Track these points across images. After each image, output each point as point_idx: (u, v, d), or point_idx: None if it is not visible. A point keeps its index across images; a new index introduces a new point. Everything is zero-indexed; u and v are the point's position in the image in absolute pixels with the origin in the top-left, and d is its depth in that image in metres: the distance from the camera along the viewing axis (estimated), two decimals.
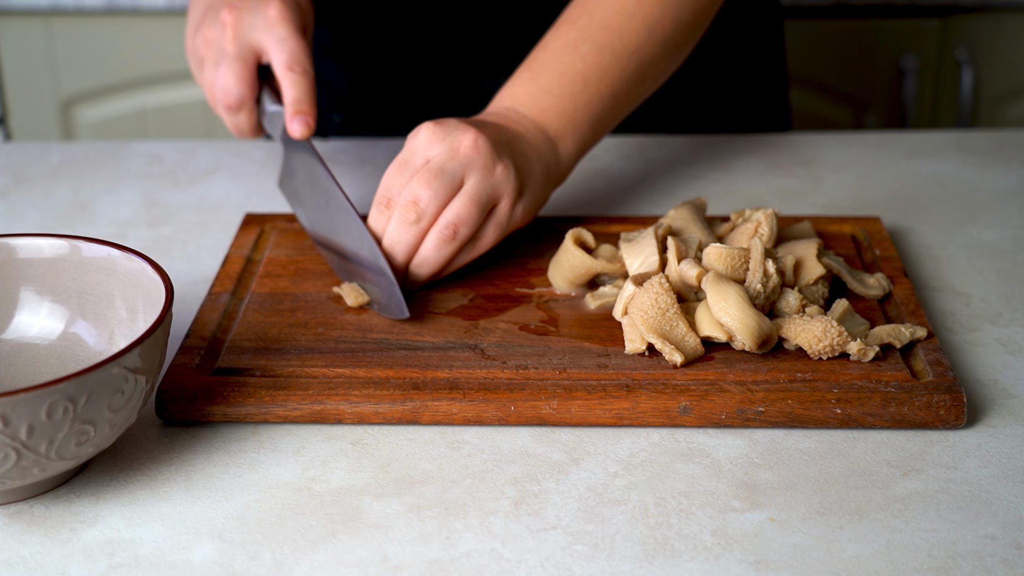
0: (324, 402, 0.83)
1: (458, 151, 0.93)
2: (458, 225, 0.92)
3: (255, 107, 1.04)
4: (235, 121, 1.05)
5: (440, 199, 0.92)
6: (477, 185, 0.93)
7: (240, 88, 1.03)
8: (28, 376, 0.84)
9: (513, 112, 1.00)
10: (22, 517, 0.76)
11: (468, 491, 0.77)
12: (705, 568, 0.71)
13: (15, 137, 2.02)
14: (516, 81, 1.02)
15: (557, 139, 1.00)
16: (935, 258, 1.04)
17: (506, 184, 0.94)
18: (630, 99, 1.04)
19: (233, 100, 1.03)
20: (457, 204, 0.92)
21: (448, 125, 0.94)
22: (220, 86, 1.03)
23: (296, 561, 0.72)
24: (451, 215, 0.92)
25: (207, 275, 1.02)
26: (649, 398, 0.82)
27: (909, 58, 1.94)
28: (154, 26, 1.95)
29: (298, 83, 1.01)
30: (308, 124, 1.01)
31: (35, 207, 1.15)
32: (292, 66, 1.02)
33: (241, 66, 1.02)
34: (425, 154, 0.94)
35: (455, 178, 0.92)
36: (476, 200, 0.93)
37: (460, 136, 0.93)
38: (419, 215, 0.92)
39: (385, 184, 0.94)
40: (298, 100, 1.01)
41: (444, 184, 0.92)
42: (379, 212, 0.94)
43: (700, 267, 0.89)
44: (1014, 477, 0.78)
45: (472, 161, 0.93)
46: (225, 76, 1.02)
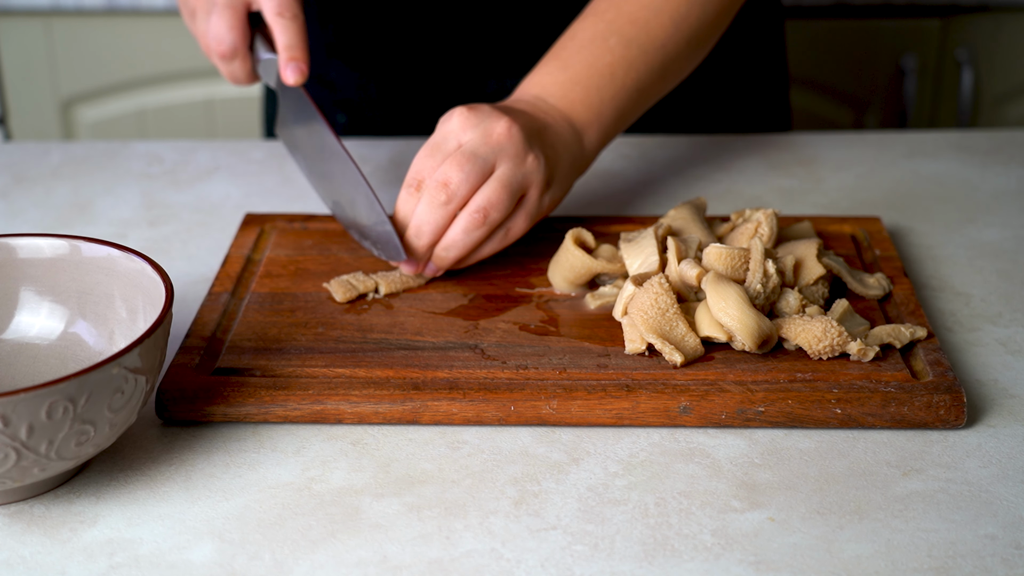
0: (324, 402, 0.83)
1: (491, 137, 0.93)
2: (489, 209, 0.93)
3: (248, 54, 1.05)
4: (229, 69, 1.06)
5: (471, 182, 0.92)
6: (509, 172, 0.93)
7: (232, 36, 1.03)
8: (28, 376, 0.84)
9: (541, 101, 1.00)
10: (22, 517, 0.76)
11: (468, 491, 0.77)
12: (705, 568, 0.71)
13: (15, 137, 2.02)
14: (544, 70, 1.02)
15: (583, 130, 1.00)
16: (935, 258, 1.04)
17: (536, 173, 0.95)
18: (653, 93, 1.05)
19: (226, 48, 1.03)
20: (488, 189, 0.93)
21: (482, 111, 0.95)
22: (212, 35, 1.03)
23: (296, 561, 0.72)
24: (482, 199, 0.93)
25: (207, 275, 1.02)
26: (649, 398, 0.82)
27: (909, 58, 1.94)
28: (154, 26, 1.95)
29: (288, 28, 1.01)
30: (301, 71, 1.01)
31: (35, 207, 1.15)
32: (282, 11, 1.01)
33: (231, 14, 1.03)
34: (458, 138, 0.94)
35: (487, 163, 0.93)
36: (507, 186, 0.93)
37: (494, 123, 0.94)
38: (449, 197, 0.92)
39: (416, 167, 0.94)
40: (290, 46, 1.01)
41: (476, 168, 0.92)
42: (408, 194, 0.94)
43: (700, 267, 0.89)
44: (1014, 477, 0.78)
45: (504, 148, 0.93)
46: (216, 25, 1.03)
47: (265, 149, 1.26)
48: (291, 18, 1.01)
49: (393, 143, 1.26)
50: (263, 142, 1.28)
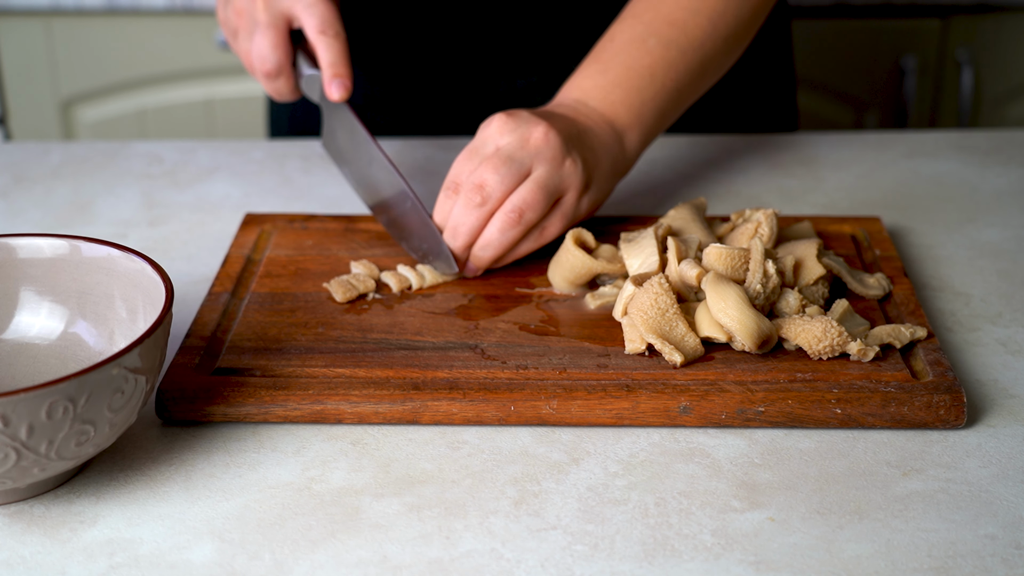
0: (324, 402, 0.83)
1: (528, 141, 0.94)
2: (524, 209, 0.94)
3: (292, 72, 1.07)
4: (274, 86, 1.07)
5: (507, 185, 0.93)
6: (545, 174, 0.94)
7: (276, 55, 1.05)
8: (28, 376, 0.84)
9: (582, 105, 1.01)
10: (22, 517, 0.76)
11: (468, 491, 0.77)
12: (705, 568, 0.71)
13: (15, 137, 2.02)
14: (585, 73, 1.03)
15: (624, 132, 1.01)
16: (935, 258, 1.04)
17: (573, 177, 0.95)
18: (692, 93, 1.06)
19: (271, 67, 1.05)
20: (524, 189, 0.94)
21: (520, 116, 0.96)
22: (256, 54, 1.05)
23: (296, 561, 0.72)
24: (517, 199, 0.94)
25: (207, 275, 1.02)
26: (649, 398, 0.82)
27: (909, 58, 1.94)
28: (154, 26, 1.95)
29: (331, 46, 1.03)
30: (346, 86, 1.03)
31: (35, 207, 1.15)
32: (324, 29, 1.03)
33: (274, 33, 1.04)
34: (496, 142, 0.95)
35: (523, 166, 0.94)
36: (543, 187, 0.94)
37: (531, 127, 0.95)
38: (484, 198, 0.93)
39: (454, 171, 0.96)
40: (333, 63, 1.03)
41: (512, 171, 0.93)
42: (446, 197, 0.96)
43: (700, 267, 0.89)
44: (1014, 477, 0.78)
45: (541, 152, 0.94)
46: (260, 44, 1.04)
47: (265, 149, 1.26)
48: (333, 36, 1.03)
49: (392, 143, 1.26)
50: (263, 142, 1.28)
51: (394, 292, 0.95)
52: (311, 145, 1.26)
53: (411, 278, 0.96)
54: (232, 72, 1.98)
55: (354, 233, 1.04)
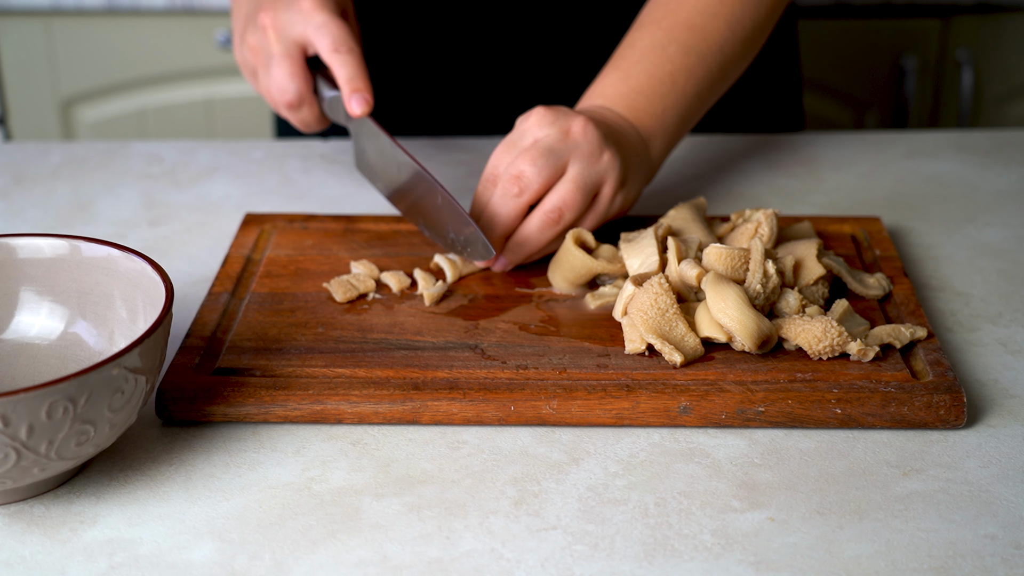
0: (324, 402, 0.83)
1: (568, 134, 0.95)
2: (564, 210, 0.94)
3: (314, 99, 1.06)
4: (299, 117, 1.06)
5: (544, 176, 0.94)
6: (583, 170, 0.94)
7: (295, 84, 1.04)
8: (28, 376, 0.84)
9: (607, 111, 1.01)
10: (22, 517, 0.76)
11: (468, 491, 0.77)
12: (705, 568, 0.71)
13: (15, 137, 2.02)
14: (606, 81, 1.03)
15: (649, 138, 1.02)
16: (935, 258, 1.04)
17: (611, 172, 0.96)
18: (712, 97, 1.06)
19: (292, 97, 1.04)
20: (562, 188, 0.94)
21: (559, 110, 0.96)
22: (275, 87, 1.04)
23: (296, 561, 0.72)
24: (556, 199, 0.94)
25: (207, 275, 1.02)
26: (649, 398, 0.82)
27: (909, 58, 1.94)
28: (154, 26, 1.95)
29: (347, 63, 1.02)
30: (366, 100, 1.02)
31: (35, 207, 1.15)
32: (338, 47, 1.02)
33: (290, 63, 1.04)
34: (534, 135, 0.95)
35: (561, 159, 0.94)
36: (582, 186, 0.94)
37: (570, 120, 0.95)
38: (521, 189, 0.93)
39: (492, 162, 0.96)
40: (351, 79, 1.02)
41: (549, 163, 0.94)
42: (484, 188, 0.96)
43: (700, 267, 0.89)
44: (1014, 477, 0.78)
45: (579, 145, 0.95)
46: (278, 76, 1.04)
47: (265, 149, 1.26)
48: (347, 52, 1.02)
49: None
50: (263, 142, 1.28)
51: (394, 292, 0.95)
52: (311, 145, 1.26)
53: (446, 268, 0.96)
54: (232, 72, 1.98)
55: (354, 233, 1.04)
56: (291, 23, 1.03)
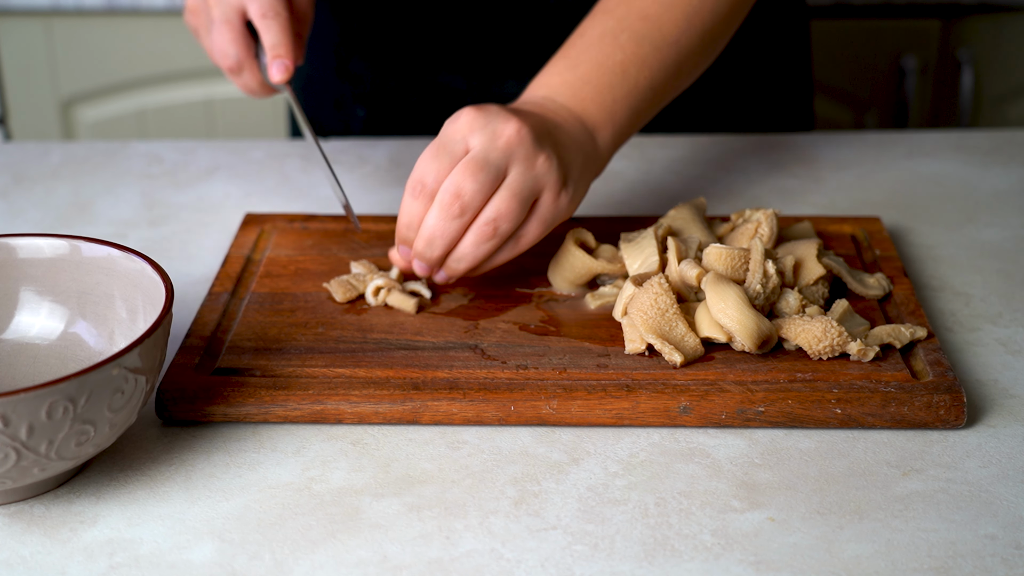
0: (324, 402, 0.83)
1: (499, 139, 0.89)
2: (499, 221, 0.89)
3: (255, 64, 1.05)
4: (241, 82, 1.06)
5: (485, 192, 0.89)
6: (519, 178, 0.89)
7: (234, 49, 1.03)
8: (28, 376, 0.84)
9: (550, 101, 0.96)
10: (22, 517, 0.76)
11: (468, 491, 0.77)
12: (705, 568, 0.71)
13: (15, 137, 2.02)
14: (552, 70, 0.98)
15: (595, 130, 0.96)
16: (935, 258, 1.04)
17: (549, 175, 0.91)
18: (667, 91, 1.01)
19: (232, 62, 1.04)
20: (498, 199, 0.89)
21: (489, 112, 0.90)
22: (217, 52, 1.04)
23: (296, 561, 0.72)
24: (491, 211, 0.89)
25: (207, 275, 1.02)
26: (649, 398, 0.82)
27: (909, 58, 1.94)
28: (154, 26, 1.95)
29: (271, 28, 1.01)
30: (286, 67, 1.01)
31: (35, 207, 1.15)
32: (264, 12, 1.02)
33: (228, 28, 1.03)
34: (465, 141, 0.90)
35: (499, 170, 0.89)
36: (518, 194, 0.89)
37: (503, 125, 0.89)
38: (462, 209, 0.88)
39: (421, 168, 0.90)
40: (274, 44, 1.02)
41: (489, 176, 0.88)
42: (413, 197, 0.90)
43: (700, 267, 0.89)
44: (1014, 477, 0.78)
45: (515, 152, 0.89)
46: (218, 41, 1.03)
47: (265, 149, 1.26)
48: (274, 17, 1.01)
49: (393, 143, 1.26)
50: (263, 142, 1.28)
51: None
52: (311, 145, 1.26)
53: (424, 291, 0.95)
54: None
55: (354, 233, 1.04)
56: None
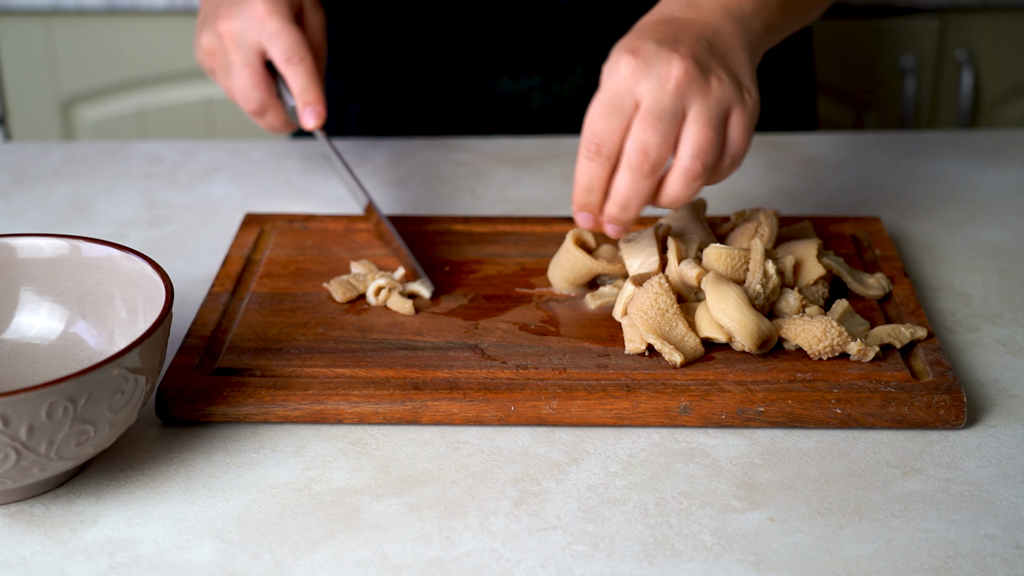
0: (324, 402, 0.83)
1: (668, 84, 0.85)
2: (703, 155, 0.86)
3: (278, 104, 1.06)
4: (265, 122, 1.07)
5: (671, 141, 0.86)
6: (703, 110, 0.86)
7: (257, 93, 1.04)
8: (28, 376, 0.84)
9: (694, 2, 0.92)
10: (22, 517, 0.76)
11: (468, 491, 0.77)
12: (705, 568, 0.71)
13: (15, 137, 2.02)
14: None
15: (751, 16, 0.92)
16: (935, 258, 1.04)
17: (727, 92, 0.87)
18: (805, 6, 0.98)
19: (255, 106, 1.05)
20: (692, 135, 0.86)
21: (646, 53, 0.86)
22: (239, 96, 1.04)
23: (296, 561, 0.72)
24: (691, 148, 0.86)
25: (207, 275, 1.02)
26: (649, 398, 0.82)
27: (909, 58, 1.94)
28: (154, 26, 1.95)
29: (298, 73, 1.02)
30: (318, 113, 1.02)
31: (35, 207, 1.15)
32: (289, 57, 1.02)
33: (249, 72, 1.03)
34: (632, 93, 0.86)
35: (677, 115, 0.86)
36: (708, 122, 0.86)
37: (666, 67, 0.85)
38: (652, 166, 0.86)
39: (593, 129, 0.86)
40: (303, 91, 1.02)
41: (670, 125, 0.85)
42: (589, 159, 0.87)
43: (700, 267, 0.89)
44: (1014, 477, 0.78)
45: (687, 90, 0.85)
46: (239, 86, 1.04)
47: (265, 149, 1.26)
48: (299, 62, 1.02)
49: (393, 143, 1.26)
50: (263, 142, 1.28)
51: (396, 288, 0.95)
52: (311, 145, 1.26)
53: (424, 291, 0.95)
54: None
55: (354, 233, 1.04)
56: (246, 31, 1.03)
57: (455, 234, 1.04)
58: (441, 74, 1.29)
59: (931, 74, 1.97)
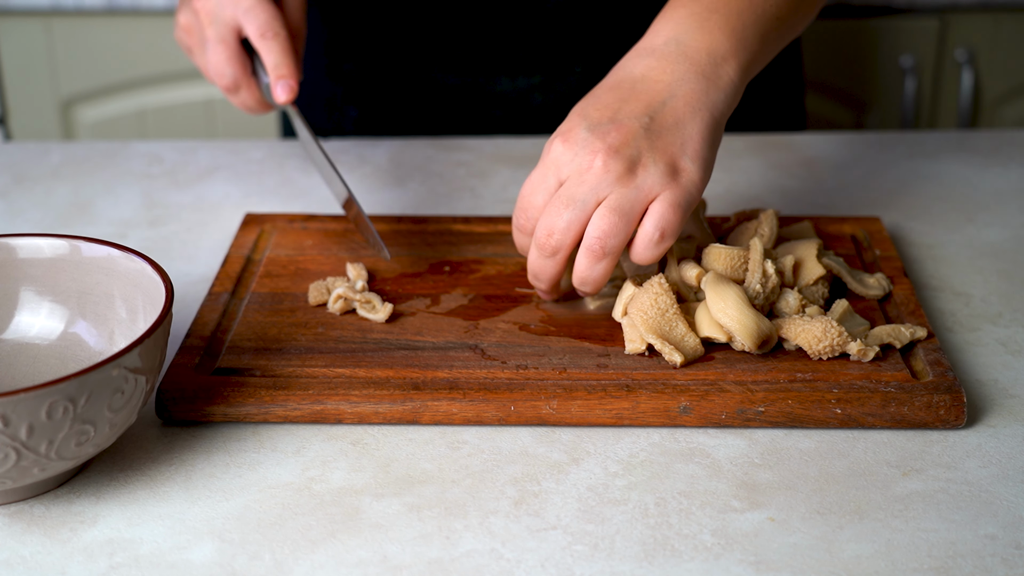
0: (324, 402, 0.83)
1: (585, 175, 0.87)
2: (603, 239, 0.86)
3: (253, 82, 1.05)
4: (239, 100, 1.06)
5: (574, 230, 0.87)
6: (617, 199, 0.86)
7: (231, 68, 1.03)
8: (28, 376, 0.84)
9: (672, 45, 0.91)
10: (22, 517, 0.76)
11: (468, 491, 0.77)
12: (705, 568, 0.71)
13: (15, 137, 2.02)
14: (677, 3, 0.94)
15: (724, 60, 0.91)
16: (935, 258, 1.04)
17: (653, 180, 0.87)
18: (791, 24, 0.98)
19: (228, 82, 1.04)
20: (598, 219, 0.86)
21: (576, 140, 0.88)
22: (213, 72, 1.04)
23: (296, 561, 0.72)
24: (594, 232, 0.86)
25: (207, 275, 1.02)
26: (649, 398, 0.82)
27: (909, 58, 1.94)
28: (154, 26, 1.95)
29: (272, 48, 1.01)
30: (291, 87, 1.01)
31: (35, 207, 1.15)
32: (263, 33, 1.02)
33: (223, 48, 1.03)
34: (558, 175, 0.88)
35: (587, 204, 0.87)
36: (616, 210, 0.86)
37: (588, 157, 0.87)
38: (554, 249, 0.88)
39: (521, 204, 0.90)
40: (276, 65, 1.01)
41: (577, 214, 0.87)
42: (518, 231, 0.91)
43: (700, 267, 0.89)
44: (1014, 477, 0.78)
45: (603, 182, 0.86)
46: (214, 62, 1.03)
47: (265, 149, 1.26)
48: (273, 37, 1.01)
49: (392, 143, 1.26)
50: (263, 142, 1.28)
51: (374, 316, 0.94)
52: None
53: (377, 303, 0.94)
54: None
55: (354, 233, 1.04)
56: (221, 6, 1.02)
57: (455, 234, 1.04)
58: (439, 74, 1.29)
59: (931, 74, 1.97)
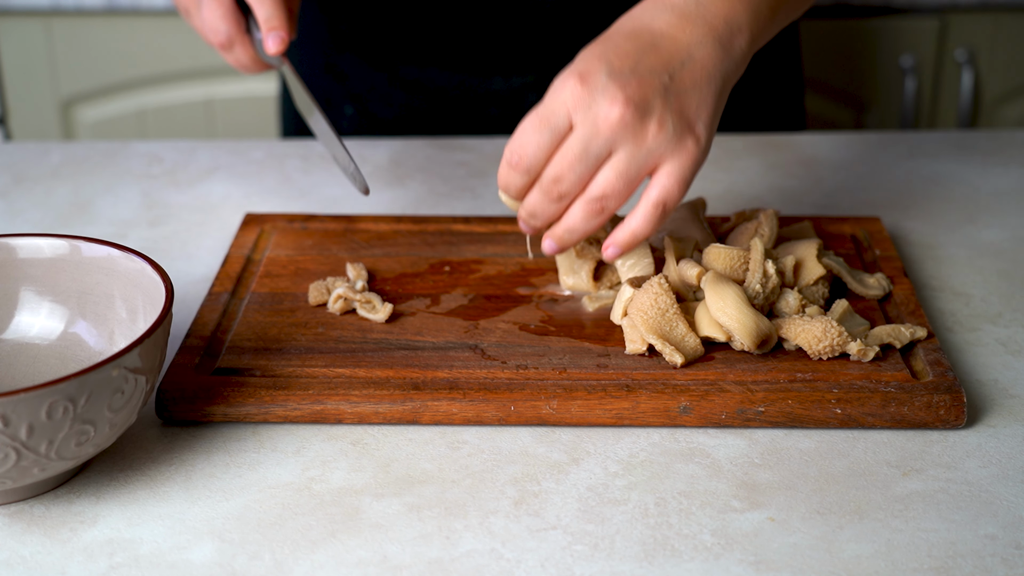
0: (324, 402, 0.83)
1: (602, 126, 0.84)
2: (605, 200, 0.86)
3: (247, 39, 1.04)
4: (233, 57, 1.05)
5: (585, 179, 0.86)
6: (625, 159, 0.85)
7: (225, 25, 1.03)
8: (28, 376, 0.84)
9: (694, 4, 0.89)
10: (22, 517, 0.76)
11: (468, 491, 0.77)
12: (705, 568, 0.71)
13: (15, 137, 2.02)
14: None
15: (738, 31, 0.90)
16: (935, 258, 1.04)
17: (662, 143, 0.85)
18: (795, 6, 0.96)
19: (223, 38, 1.03)
20: (602, 179, 0.86)
21: (594, 85, 0.85)
22: (207, 28, 1.03)
23: (296, 561, 0.72)
24: (597, 190, 0.86)
25: (207, 275, 1.02)
26: (649, 398, 0.82)
27: (909, 58, 1.94)
28: (154, 26, 1.95)
29: (264, 3, 1.01)
30: (282, 38, 1.01)
31: (35, 207, 1.15)
32: None
33: (217, 4, 1.02)
34: (569, 117, 0.85)
35: (600, 157, 0.85)
36: (623, 174, 0.85)
37: (607, 107, 0.84)
38: (561, 195, 0.86)
39: (520, 139, 0.86)
40: (268, 17, 1.01)
41: (589, 165, 0.85)
42: (510, 167, 0.87)
43: (699, 267, 0.89)
44: (1014, 477, 0.78)
45: (618, 137, 0.85)
46: (208, 18, 1.03)
47: (265, 149, 1.26)
48: None
49: (392, 143, 1.26)
50: (263, 142, 1.28)
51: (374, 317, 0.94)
52: (311, 145, 1.26)
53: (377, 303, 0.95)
54: (232, 72, 1.98)
55: (354, 233, 1.04)
56: None
57: (455, 234, 1.04)
58: (435, 73, 1.29)
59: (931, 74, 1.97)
